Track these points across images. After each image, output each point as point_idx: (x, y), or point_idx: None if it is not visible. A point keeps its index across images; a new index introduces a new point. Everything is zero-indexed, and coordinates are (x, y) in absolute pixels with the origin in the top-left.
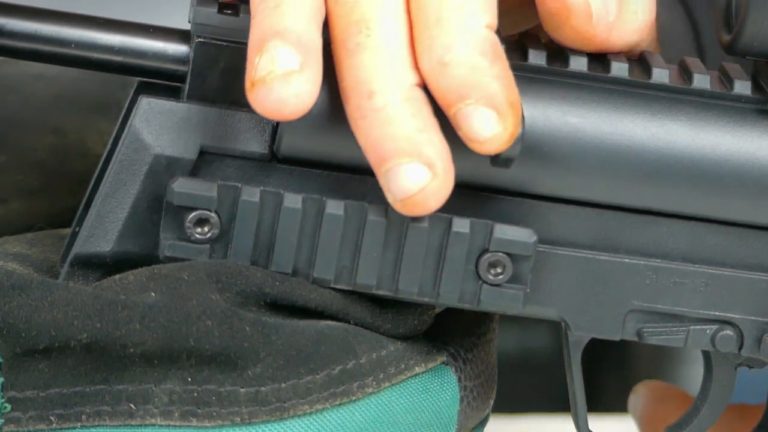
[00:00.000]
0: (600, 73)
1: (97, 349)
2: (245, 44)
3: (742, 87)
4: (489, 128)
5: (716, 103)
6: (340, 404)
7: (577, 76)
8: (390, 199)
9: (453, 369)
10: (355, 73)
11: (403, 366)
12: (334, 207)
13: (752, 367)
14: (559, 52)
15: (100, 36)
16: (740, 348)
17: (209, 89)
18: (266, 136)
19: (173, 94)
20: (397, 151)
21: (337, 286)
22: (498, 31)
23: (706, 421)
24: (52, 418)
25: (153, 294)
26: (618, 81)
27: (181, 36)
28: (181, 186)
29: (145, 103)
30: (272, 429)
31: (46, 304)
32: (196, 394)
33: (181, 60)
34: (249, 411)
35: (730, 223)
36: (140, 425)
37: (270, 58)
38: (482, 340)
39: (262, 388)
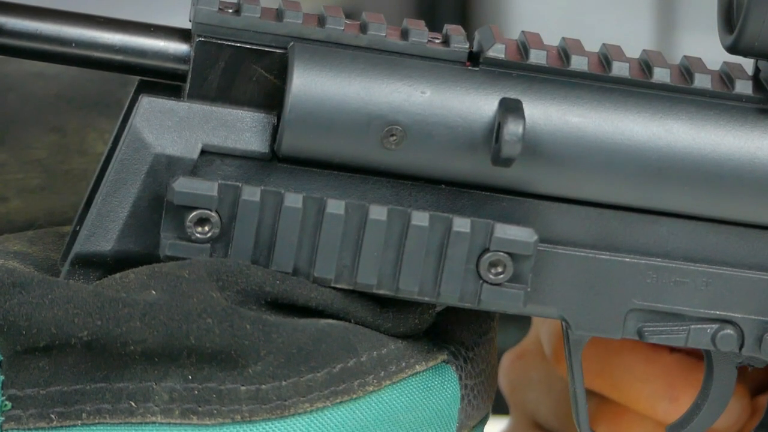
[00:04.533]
0: (601, 73)
1: (98, 347)
2: (246, 43)
3: (743, 86)
4: None
5: (717, 103)
6: (340, 402)
7: (578, 75)
8: None
9: (454, 367)
10: None
11: (404, 364)
12: (335, 206)
13: (753, 366)
14: (560, 52)
15: (101, 35)
16: (741, 347)
17: (210, 88)
18: (267, 135)
19: (174, 93)
20: None
21: (338, 286)
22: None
23: (707, 419)
24: (53, 416)
25: (154, 292)
26: (619, 80)
27: (182, 35)
28: (182, 185)
29: (146, 102)
30: (273, 427)
31: (47, 302)
32: (196, 392)
33: (181, 59)
34: (249, 409)
35: (730, 222)
36: (141, 423)
37: None
38: (483, 339)
39: (263, 386)
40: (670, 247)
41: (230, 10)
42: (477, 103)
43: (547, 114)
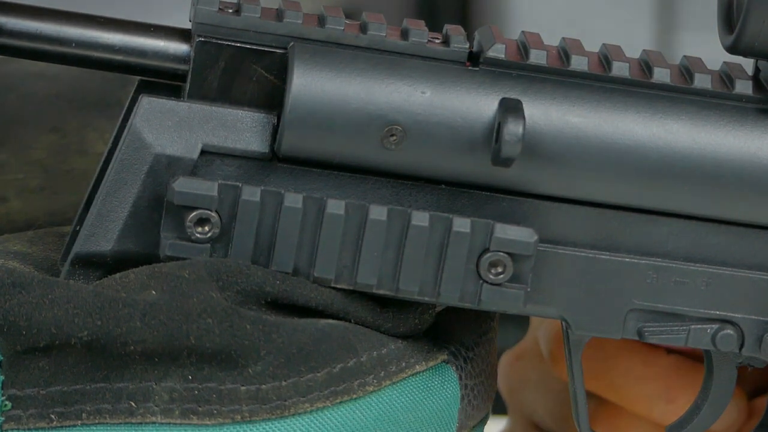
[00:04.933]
0: (601, 73)
1: (98, 347)
2: (246, 43)
3: (744, 86)
4: None
5: (717, 103)
6: (340, 402)
7: (579, 75)
8: None
9: (454, 367)
10: None
11: (404, 364)
12: (335, 206)
13: (753, 367)
14: (560, 52)
15: (101, 35)
16: (741, 347)
17: (210, 88)
18: (267, 135)
19: (174, 93)
20: None
21: (338, 286)
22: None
23: (706, 420)
24: (53, 416)
25: (154, 292)
26: (619, 80)
27: (182, 35)
28: (182, 185)
29: (146, 102)
30: (273, 427)
31: (47, 302)
32: (196, 392)
33: (181, 59)
34: (249, 409)
35: (731, 222)
36: (140, 423)
37: None
38: (483, 339)
39: (263, 386)
40: (670, 247)
41: (230, 10)
42: (477, 103)
43: (547, 114)
